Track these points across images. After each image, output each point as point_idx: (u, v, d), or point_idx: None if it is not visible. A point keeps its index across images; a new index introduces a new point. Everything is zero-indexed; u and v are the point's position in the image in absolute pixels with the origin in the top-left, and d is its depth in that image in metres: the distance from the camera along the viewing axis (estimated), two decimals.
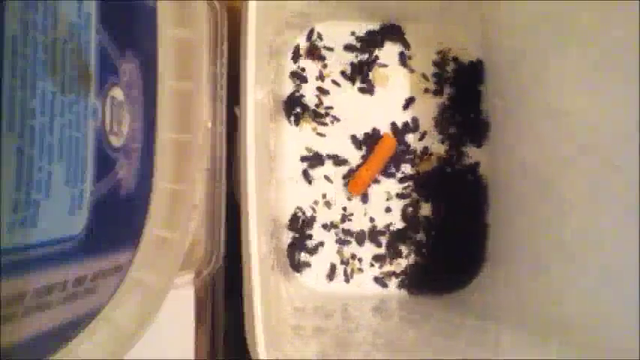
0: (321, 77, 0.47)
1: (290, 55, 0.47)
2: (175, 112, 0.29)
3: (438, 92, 0.47)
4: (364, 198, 0.46)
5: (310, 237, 0.46)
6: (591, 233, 0.34)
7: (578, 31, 0.35)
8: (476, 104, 0.47)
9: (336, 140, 0.46)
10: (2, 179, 0.16)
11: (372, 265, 0.46)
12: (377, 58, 0.47)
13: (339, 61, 0.47)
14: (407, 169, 0.47)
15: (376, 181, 0.46)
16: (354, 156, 0.46)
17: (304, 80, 0.47)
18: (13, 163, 0.17)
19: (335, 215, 0.46)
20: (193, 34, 0.28)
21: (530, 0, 0.38)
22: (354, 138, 0.46)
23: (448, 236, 0.46)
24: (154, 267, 0.27)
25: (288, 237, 0.45)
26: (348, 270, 0.46)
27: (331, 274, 0.45)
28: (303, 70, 0.47)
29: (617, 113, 0.32)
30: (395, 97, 0.47)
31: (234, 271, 0.32)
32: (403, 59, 0.47)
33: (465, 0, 0.44)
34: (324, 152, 0.46)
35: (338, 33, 0.47)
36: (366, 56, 0.47)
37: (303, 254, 0.45)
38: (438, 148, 0.47)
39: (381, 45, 0.47)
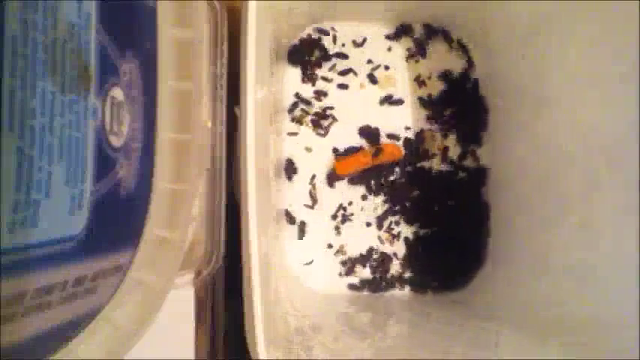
0: (321, 77, 0.47)
1: (290, 54, 0.47)
2: (175, 112, 0.28)
3: (437, 92, 0.47)
4: (364, 199, 0.46)
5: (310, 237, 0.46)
6: (591, 233, 0.34)
7: (577, 31, 0.35)
8: (476, 104, 0.47)
9: (336, 140, 0.46)
10: (2, 179, 0.16)
11: (372, 265, 0.46)
12: (372, 60, 0.47)
13: (340, 61, 0.47)
14: (408, 170, 0.47)
15: (377, 181, 0.46)
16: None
17: (304, 80, 0.47)
18: (13, 163, 0.17)
19: (335, 216, 0.46)
20: (193, 34, 0.28)
21: (530, 0, 0.38)
22: (353, 137, 0.47)
23: (448, 236, 0.46)
24: (153, 267, 0.27)
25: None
26: (348, 270, 0.46)
27: (331, 274, 0.45)
28: (303, 70, 0.47)
29: (616, 113, 0.32)
30: (395, 98, 0.47)
31: (234, 271, 0.32)
32: (402, 60, 0.48)
33: (466, 0, 0.44)
34: (324, 152, 0.46)
35: (339, 33, 0.47)
36: (366, 57, 0.47)
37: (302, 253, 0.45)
38: (439, 147, 0.47)
39: (380, 45, 0.47)
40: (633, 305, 0.29)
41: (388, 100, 0.47)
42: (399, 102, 0.47)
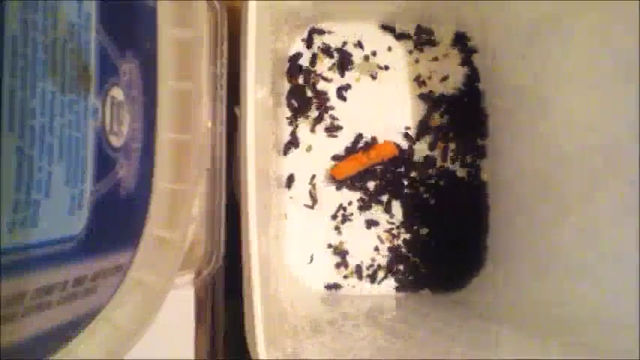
0: (321, 77, 0.47)
1: (290, 54, 0.47)
2: (175, 112, 0.28)
3: (437, 92, 0.47)
4: (364, 198, 0.46)
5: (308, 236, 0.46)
6: (591, 233, 0.34)
7: (577, 32, 0.35)
8: (476, 104, 0.47)
9: (336, 140, 0.46)
10: (2, 179, 0.16)
11: (371, 265, 0.46)
12: (370, 59, 0.47)
13: (340, 61, 0.47)
14: (407, 170, 0.47)
15: (376, 181, 0.46)
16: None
17: (304, 80, 0.47)
18: (13, 163, 0.17)
19: (335, 216, 0.46)
20: (193, 34, 0.28)
21: (530, 0, 0.38)
22: (353, 137, 0.47)
23: (448, 236, 0.46)
24: (154, 267, 0.27)
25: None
26: (348, 270, 0.46)
27: (331, 274, 0.45)
28: (304, 69, 0.47)
29: (616, 113, 0.32)
30: (395, 98, 0.47)
31: (234, 271, 0.32)
32: (402, 60, 0.47)
33: (466, 0, 0.44)
34: (324, 152, 0.46)
35: (339, 33, 0.47)
36: (365, 57, 0.47)
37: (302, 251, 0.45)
38: (439, 147, 0.47)
39: (380, 46, 0.47)
40: (633, 305, 0.29)
41: (387, 100, 0.47)
42: (399, 103, 0.47)
